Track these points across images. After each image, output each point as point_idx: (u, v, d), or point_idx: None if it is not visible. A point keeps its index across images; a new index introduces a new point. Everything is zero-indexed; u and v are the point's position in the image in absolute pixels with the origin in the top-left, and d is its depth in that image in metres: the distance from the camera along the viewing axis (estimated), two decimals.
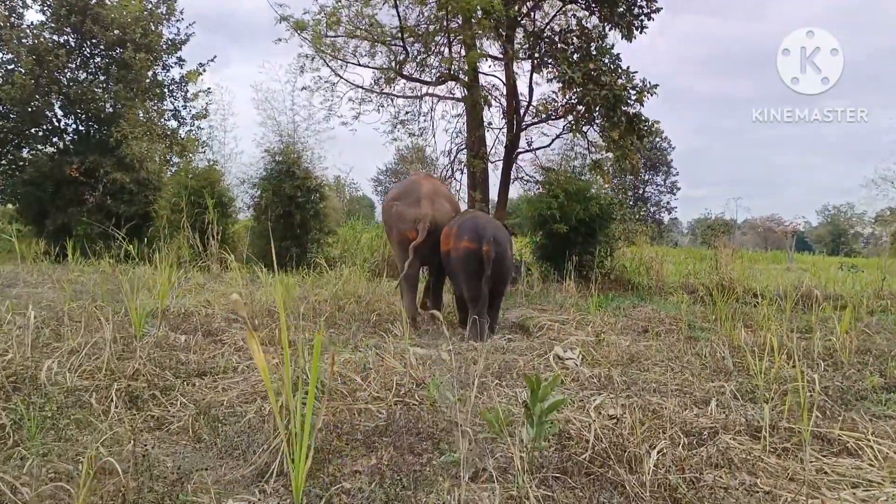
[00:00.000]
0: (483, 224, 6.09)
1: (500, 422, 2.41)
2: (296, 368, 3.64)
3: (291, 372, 3.66)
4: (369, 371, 3.91)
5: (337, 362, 3.99)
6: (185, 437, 2.94)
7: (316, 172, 12.87)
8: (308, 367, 3.49)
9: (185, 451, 2.76)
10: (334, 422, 3.05)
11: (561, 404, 2.50)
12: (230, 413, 3.19)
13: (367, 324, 6.24)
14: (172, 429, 3.03)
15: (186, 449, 2.79)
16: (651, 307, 8.29)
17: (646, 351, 5.47)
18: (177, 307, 6.50)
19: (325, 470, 2.49)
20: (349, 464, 2.56)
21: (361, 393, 3.57)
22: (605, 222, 11.22)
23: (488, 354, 4.88)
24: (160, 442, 2.88)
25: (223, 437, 2.83)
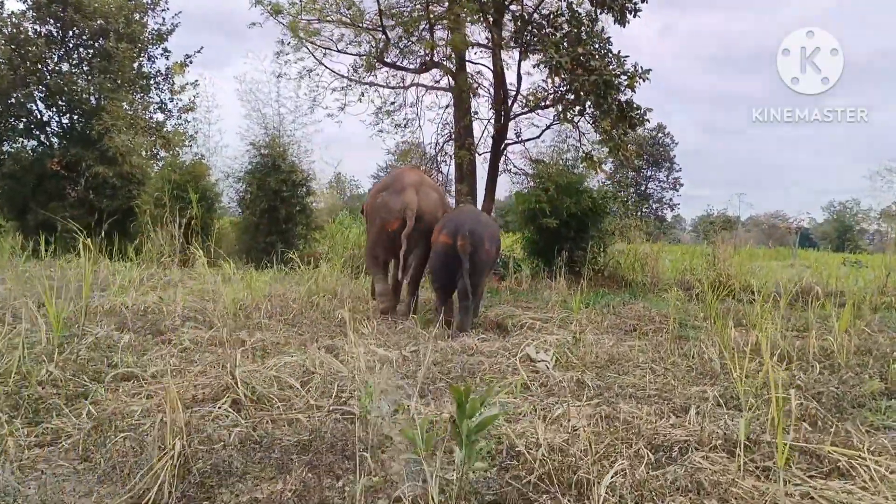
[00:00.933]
0: (463, 219, 6.05)
1: (425, 439, 2.03)
2: (225, 374, 3.28)
3: (221, 377, 3.31)
4: (312, 375, 3.53)
5: (277, 366, 3.61)
6: (75, 454, 2.56)
7: (303, 166, 12.51)
8: (238, 372, 3.13)
9: (66, 473, 2.38)
10: (253, 437, 2.67)
11: (493, 420, 2.11)
12: (129, 426, 2.80)
13: (335, 322, 5.86)
14: (66, 445, 2.65)
15: (67, 470, 2.41)
16: (642, 305, 7.91)
17: (629, 352, 5.08)
18: (137, 304, 6.15)
19: (216, 498, 2.11)
20: (246, 490, 2.18)
21: (297, 401, 3.20)
22: (598, 217, 10.82)
23: (453, 356, 4.51)
24: (46, 461, 2.50)
25: (107, 456, 2.45)
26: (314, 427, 2.75)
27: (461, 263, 5.76)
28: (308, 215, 12.57)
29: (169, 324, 5.21)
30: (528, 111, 9.74)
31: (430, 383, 3.74)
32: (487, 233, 6.10)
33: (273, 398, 3.13)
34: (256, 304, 6.49)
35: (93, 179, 13.21)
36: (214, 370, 3.62)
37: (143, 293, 6.75)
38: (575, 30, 8.24)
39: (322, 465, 2.37)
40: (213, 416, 2.88)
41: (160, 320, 5.38)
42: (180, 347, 4.37)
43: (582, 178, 10.75)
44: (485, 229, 6.10)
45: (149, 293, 6.77)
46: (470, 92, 9.45)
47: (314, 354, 3.83)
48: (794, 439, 2.82)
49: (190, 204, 11.44)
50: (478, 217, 6.40)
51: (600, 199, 10.93)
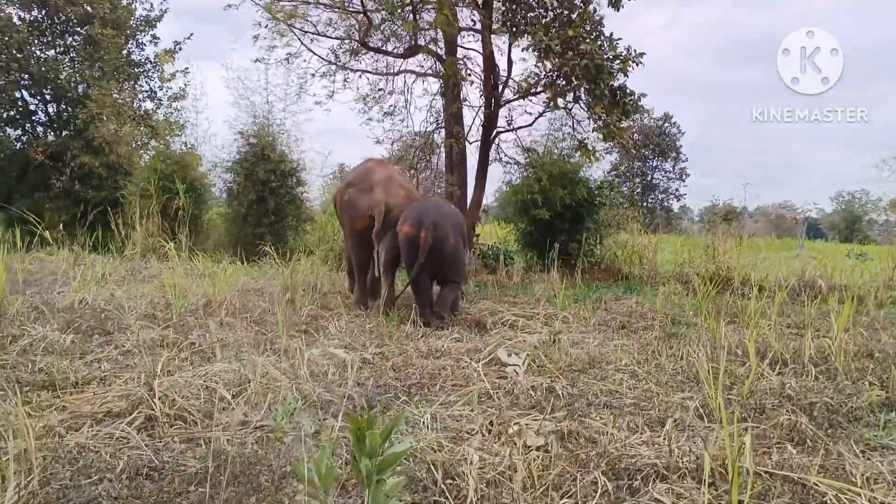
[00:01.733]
0: (427, 209, 5.94)
1: (323, 476, 1.69)
2: (146, 381, 2.95)
3: (145, 386, 2.98)
4: (246, 385, 3.20)
5: (210, 374, 3.28)
6: None
7: (293, 156, 12.15)
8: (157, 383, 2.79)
9: None
10: (153, 463, 2.34)
11: (399, 458, 1.76)
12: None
13: (304, 319, 5.52)
14: None
15: None
16: (635, 300, 7.54)
17: (612, 353, 4.74)
18: (97, 300, 5.83)
19: None
20: None
21: (223, 415, 2.86)
22: (594, 208, 10.44)
23: (417, 359, 4.17)
24: None
25: None
26: (221, 451, 2.41)
27: (434, 256, 5.70)
28: (298, 206, 12.22)
29: (121, 322, 4.89)
30: (519, 97, 9.34)
31: (383, 392, 3.40)
32: (451, 224, 5.93)
33: (194, 413, 2.80)
34: (227, 299, 6.19)
35: (78, 169, 12.90)
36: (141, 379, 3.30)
37: (108, 288, 6.43)
38: (566, 11, 7.83)
39: (218, 500, 2.04)
40: (115, 437, 2.56)
41: (114, 318, 5.06)
42: (122, 350, 4.05)
43: (577, 168, 10.36)
44: (448, 221, 5.93)
45: (113, 288, 6.46)
46: (459, 78, 9.04)
47: (256, 360, 3.49)
48: (777, 463, 2.47)
49: (177, 195, 11.22)
50: (441, 208, 6.16)
51: (596, 189, 10.56)
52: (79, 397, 3.09)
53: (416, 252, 5.72)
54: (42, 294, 6.21)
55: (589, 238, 10.32)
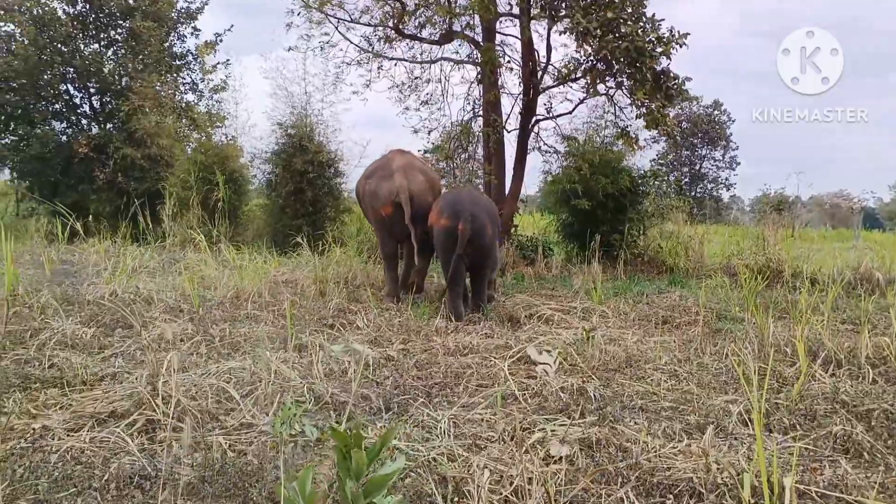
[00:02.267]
0: (462, 200, 5.81)
1: (308, 498, 1.52)
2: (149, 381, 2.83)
3: (148, 386, 2.87)
4: (258, 384, 3.06)
5: (220, 372, 3.16)
6: None
7: (331, 146, 12.06)
8: (169, 378, 2.67)
9: None
10: (146, 471, 2.20)
11: (389, 480, 1.57)
12: None
13: (332, 312, 5.39)
14: None
15: None
16: (679, 293, 7.22)
17: (652, 350, 4.48)
18: (128, 292, 5.80)
19: None
20: None
21: (229, 417, 2.73)
22: (638, 197, 10.09)
23: (443, 357, 3.98)
24: None
25: None
26: (217, 459, 2.26)
27: (457, 247, 5.54)
28: (336, 197, 12.15)
29: (145, 316, 4.83)
30: (559, 84, 9.04)
31: (402, 392, 3.23)
32: (488, 215, 5.85)
33: (198, 414, 2.67)
34: (257, 292, 6.11)
35: (121, 161, 13.06)
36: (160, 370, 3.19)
37: (140, 280, 6.41)
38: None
39: None
40: (113, 440, 2.44)
41: (140, 311, 5.00)
42: (140, 345, 3.96)
43: (620, 157, 10.02)
44: (484, 212, 5.83)
45: (146, 280, 6.44)
46: (496, 64, 8.79)
47: (270, 357, 3.35)
48: (829, 481, 2.22)
49: (217, 186, 11.26)
50: (476, 199, 6.05)
51: (639, 178, 10.20)
52: (86, 396, 3.00)
53: (452, 244, 5.57)
54: (76, 286, 6.24)
55: (632, 229, 9.97)
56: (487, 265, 5.95)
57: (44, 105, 13.67)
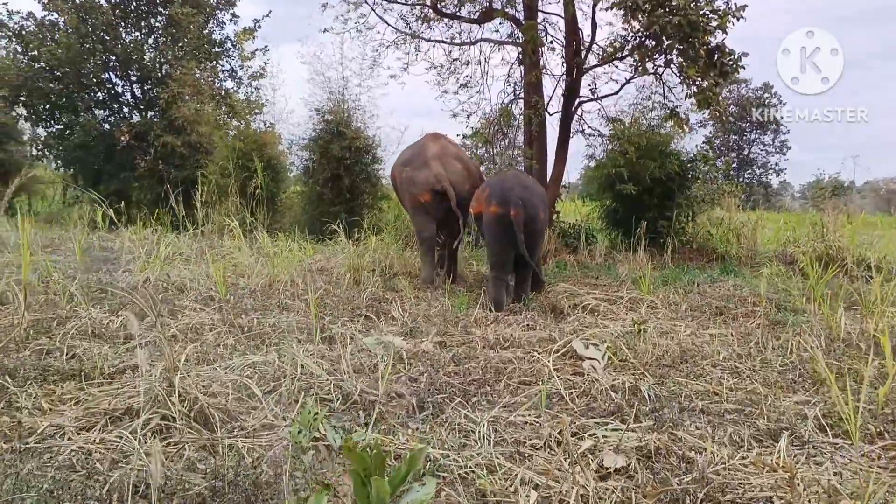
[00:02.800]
0: (510, 186, 5.53)
1: None
2: (165, 376, 2.61)
3: (164, 382, 2.65)
4: (282, 380, 2.82)
5: (243, 366, 2.93)
6: None
7: (368, 132, 11.84)
8: (177, 375, 2.45)
9: None
10: (143, 483, 1.97)
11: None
12: None
13: (367, 301, 5.15)
14: None
15: None
16: (733, 282, 6.81)
17: (708, 344, 4.14)
18: (161, 280, 5.66)
19: None
20: None
21: (250, 416, 2.50)
22: (686, 182, 9.62)
23: (482, 350, 3.70)
24: None
25: None
26: (230, 466, 2.02)
27: (515, 234, 5.27)
28: (374, 184, 11.94)
29: (176, 304, 4.66)
30: (604, 63, 8.62)
31: (437, 391, 2.95)
32: (539, 199, 5.62)
33: (216, 414, 2.44)
34: (290, 280, 5.93)
35: (161, 149, 13.08)
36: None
37: (175, 267, 6.28)
38: None
39: None
40: (121, 443, 2.23)
41: (171, 299, 4.84)
42: (168, 335, 3.78)
43: (668, 140, 9.57)
44: (535, 195, 5.60)
45: (181, 267, 6.30)
46: (538, 43, 8.41)
47: (297, 350, 3.11)
48: None
49: (255, 173, 11.19)
50: (524, 182, 5.76)
51: (688, 161, 9.73)
52: (104, 390, 2.80)
53: (502, 231, 5.39)
54: (111, 273, 6.14)
55: (680, 215, 9.52)
56: (536, 253, 5.68)
57: (87, 94, 13.75)
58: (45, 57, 12.73)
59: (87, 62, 13.09)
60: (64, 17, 12.97)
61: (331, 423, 2.28)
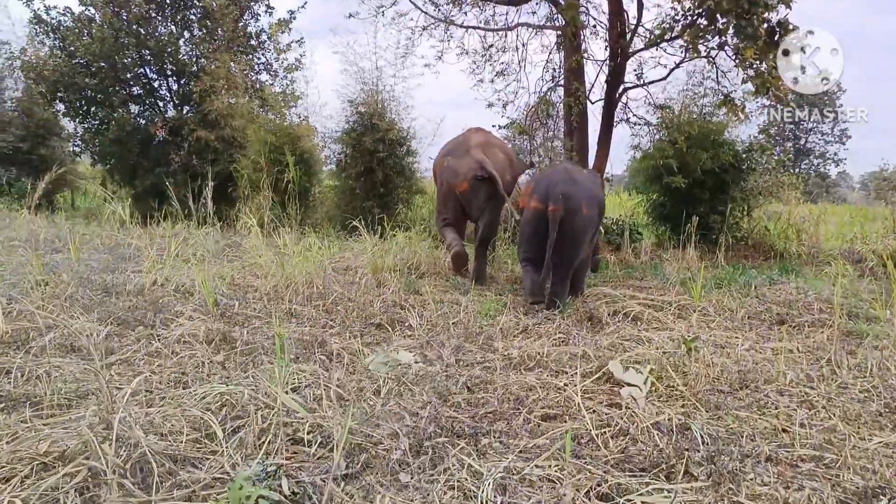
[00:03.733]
0: (557, 180, 5.09)
1: None
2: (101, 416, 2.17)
3: (100, 423, 2.20)
4: (243, 419, 2.35)
5: (207, 397, 2.48)
6: None
7: (403, 124, 11.36)
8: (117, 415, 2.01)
9: None
10: None
11: None
12: None
13: (384, 307, 4.67)
14: None
15: None
16: (796, 285, 6.14)
17: (771, 363, 3.54)
18: (170, 281, 5.29)
19: None
20: None
21: (202, 466, 2.03)
22: (741, 174, 8.89)
23: (502, 372, 3.18)
24: None
25: None
26: None
27: (549, 232, 4.85)
28: (408, 178, 11.46)
29: (174, 310, 4.25)
30: (650, 46, 7.97)
31: (440, 430, 2.44)
32: (586, 194, 5.04)
33: (162, 463, 1.98)
34: (308, 281, 5.51)
35: (195, 144, 12.84)
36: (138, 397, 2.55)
37: (186, 268, 5.90)
38: None
39: None
40: None
41: (172, 304, 4.45)
42: (148, 350, 3.36)
43: (722, 128, 8.83)
44: (582, 190, 5.04)
45: (192, 267, 5.92)
46: (578, 25, 7.81)
47: (277, 375, 2.64)
48: None
49: (287, 167, 10.87)
50: (573, 176, 5.20)
51: (744, 151, 8.99)
52: (50, 422, 2.38)
53: (534, 229, 5.08)
54: (123, 273, 5.81)
55: (735, 209, 8.80)
56: (576, 255, 5.10)
57: (122, 89, 13.60)
58: (81, 52, 12.59)
59: (121, 56, 12.88)
60: (99, 11, 12.80)
61: (293, 478, 1.81)
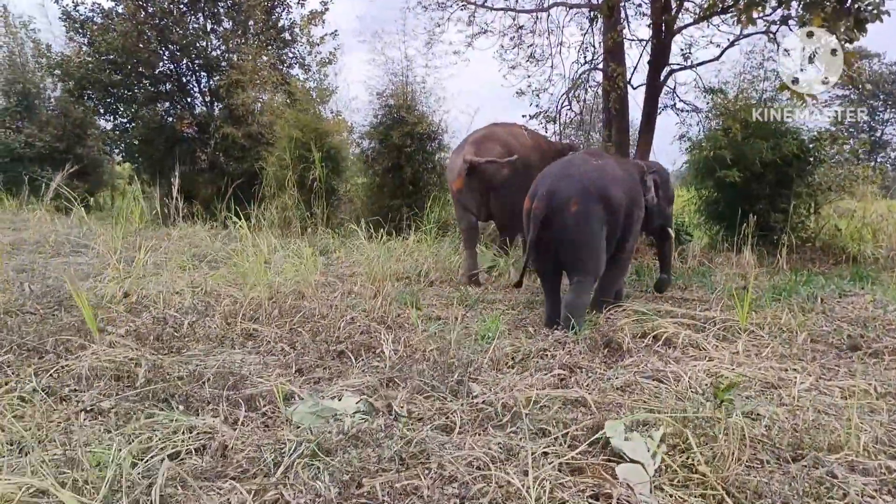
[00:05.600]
0: (548, 174, 4.43)
1: None
2: None
3: None
4: None
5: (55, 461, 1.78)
6: None
7: (434, 118, 10.59)
8: None
9: None
10: None
11: None
12: None
13: (362, 328, 3.92)
14: None
15: None
16: (872, 296, 5.12)
17: (839, 412, 2.64)
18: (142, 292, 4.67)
19: None
20: None
21: None
22: (807, 166, 7.80)
23: (460, 432, 2.37)
24: None
25: None
26: None
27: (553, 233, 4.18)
28: (440, 174, 10.69)
29: (110, 329, 3.60)
30: (700, 20, 6.97)
31: None
32: (577, 188, 4.18)
33: None
34: (298, 291, 4.84)
35: (222, 141, 12.39)
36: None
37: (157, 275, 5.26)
38: None
39: None
40: None
41: (120, 320, 3.80)
42: (27, 390, 2.69)
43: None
44: (573, 184, 4.21)
45: (170, 274, 5.29)
46: None
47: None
48: None
49: (314, 164, 10.39)
50: (567, 169, 4.38)
51: (811, 141, 7.88)
52: None
53: (528, 231, 4.29)
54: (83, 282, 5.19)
55: (799, 206, 7.71)
56: (583, 260, 4.25)
57: (149, 84, 13.26)
58: (104, 47, 12.26)
59: (144, 51, 12.48)
60: (122, 3, 12.45)
61: None
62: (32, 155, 13.22)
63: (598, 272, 4.39)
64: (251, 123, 12.42)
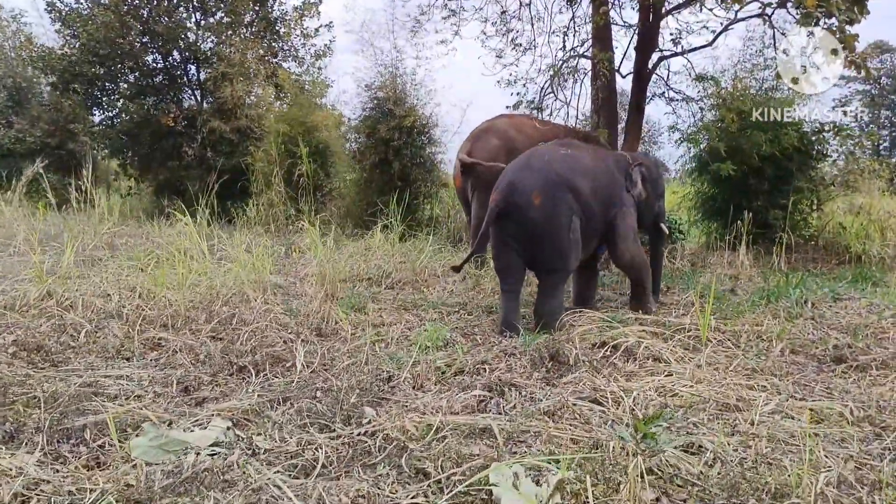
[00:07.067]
0: (511, 167, 4.13)
1: None
2: None
3: None
4: None
5: None
6: None
7: (424, 111, 10.17)
8: None
9: None
10: None
11: None
12: None
13: (283, 337, 3.53)
14: None
15: None
16: (868, 300, 4.67)
17: (803, 442, 2.22)
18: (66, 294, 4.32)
19: None
20: None
21: None
22: (809, 160, 7.30)
23: (331, 466, 1.98)
24: None
25: None
26: None
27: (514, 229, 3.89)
28: (429, 170, 10.30)
29: None
30: (691, 2, 6.48)
31: None
32: (541, 182, 3.82)
33: None
34: (241, 293, 4.50)
35: (209, 135, 12.05)
36: None
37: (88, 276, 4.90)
38: None
39: None
40: None
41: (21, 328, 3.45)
42: None
43: (786, 104, 7.23)
44: (536, 178, 3.85)
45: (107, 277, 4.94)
46: None
47: None
48: None
49: (301, 159, 10.14)
50: (533, 160, 4.03)
51: (813, 133, 7.38)
52: None
53: (497, 228, 3.97)
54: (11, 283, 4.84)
55: (800, 202, 7.22)
56: (551, 259, 3.91)
57: (137, 77, 12.95)
58: (84, 38, 11.94)
59: (126, 43, 12.12)
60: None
61: None
62: (24, 150, 12.96)
63: (567, 269, 4.04)
64: (239, 118, 12.10)
